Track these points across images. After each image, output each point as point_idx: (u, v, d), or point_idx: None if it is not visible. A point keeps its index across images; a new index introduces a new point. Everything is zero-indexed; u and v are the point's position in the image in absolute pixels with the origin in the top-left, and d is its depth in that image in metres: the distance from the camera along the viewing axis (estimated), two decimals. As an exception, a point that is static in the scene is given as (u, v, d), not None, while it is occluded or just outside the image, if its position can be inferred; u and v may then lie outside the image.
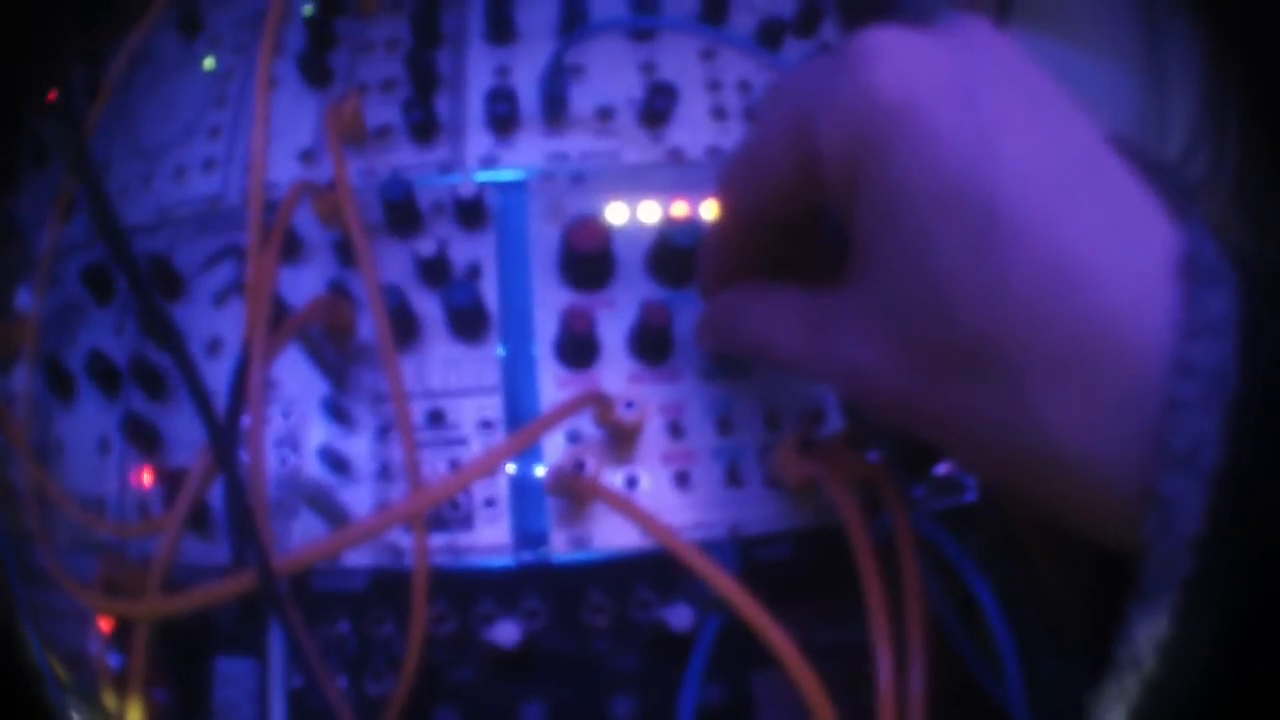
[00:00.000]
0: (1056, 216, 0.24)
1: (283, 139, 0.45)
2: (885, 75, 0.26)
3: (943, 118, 0.25)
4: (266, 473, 0.37)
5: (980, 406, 0.26)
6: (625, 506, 0.34)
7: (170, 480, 0.41)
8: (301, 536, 0.38)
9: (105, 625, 0.40)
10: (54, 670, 0.43)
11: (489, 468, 0.32)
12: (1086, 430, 0.24)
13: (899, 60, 0.26)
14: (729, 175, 0.33)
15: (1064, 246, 0.24)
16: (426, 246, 0.39)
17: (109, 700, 0.39)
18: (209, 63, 0.49)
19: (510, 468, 0.38)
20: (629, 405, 0.35)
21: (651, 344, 0.38)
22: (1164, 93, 0.63)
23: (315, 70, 0.46)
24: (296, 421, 0.39)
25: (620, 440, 0.37)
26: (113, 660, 0.40)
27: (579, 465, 0.34)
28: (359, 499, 0.38)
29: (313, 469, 0.39)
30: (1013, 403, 0.25)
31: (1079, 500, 0.25)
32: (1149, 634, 0.22)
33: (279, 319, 0.38)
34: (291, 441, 0.39)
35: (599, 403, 0.34)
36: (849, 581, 0.34)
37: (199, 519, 0.39)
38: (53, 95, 0.56)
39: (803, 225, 0.34)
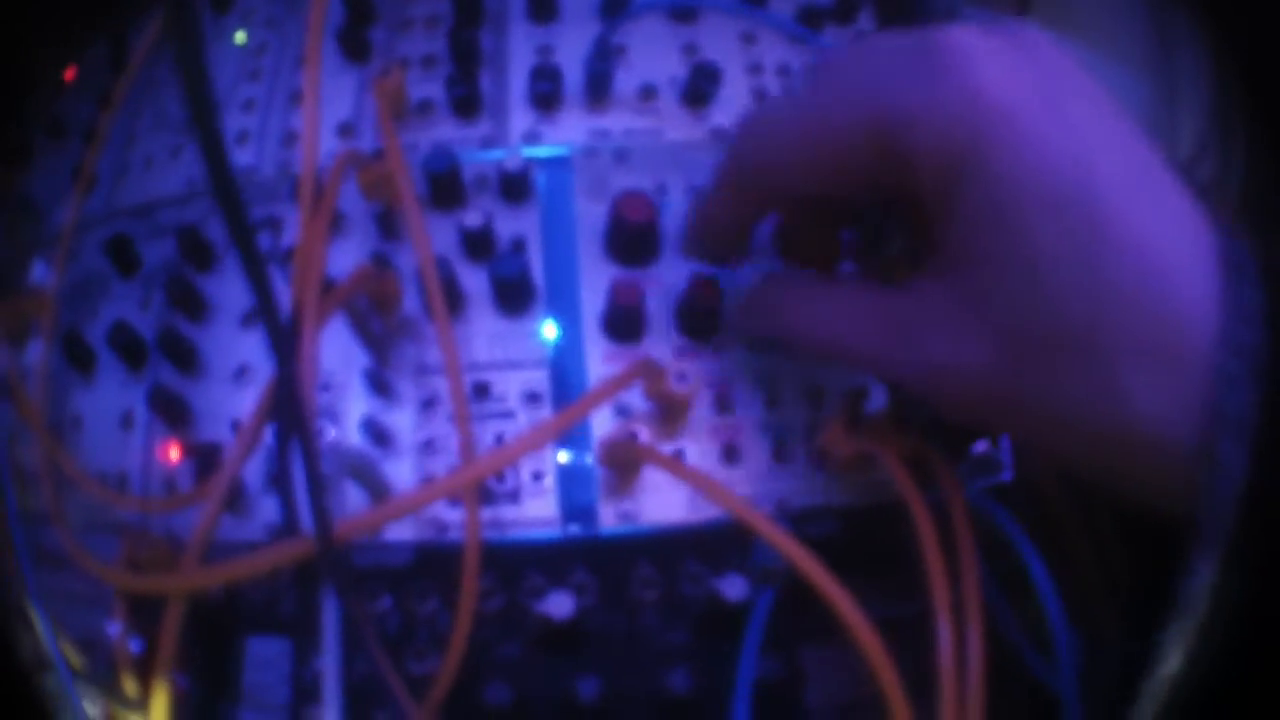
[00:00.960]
0: (1142, 215, 0.27)
1: (321, 113, 0.44)
2: (988, 78, 0.27)
3: (1042, 122, 0.27)
4: (314, 441, 0.36)
5: (1071, 389, 0.28)
6: (680, 469, 0.34)
7: (201, 454, 0.40)
8: (342, 511, 0.37)
9: (124, 609, 0.39)
10: (64, 656, 0.42)
11: (545, 440, 0.32)
12: (1163, 406, 0.27)
13: (996, 64, 0.28)
14: (754, 140, 0.33)
15: (1149, 242, 0.27)
16: (472, 218, 0.39)
17: (129, 686, 0.38)
18: (240, 37, 0.48)
19: (562, 456, 0.37)
20: (681, 377, 0.34)
21: (700, 319, 0.38)
22: (1174, 97, 0.64)
23: (354, 44, 0.45)
24: (336, 395, 0.39)
25: (669, 414, 0.36)
26: (133, 645, 0.39)
27: (632, 435, 0.34)
28: (401, 472, 0.37)
29: (354, 442, 0.38)
30: (1103, 383, 0.27)
31: (1146, 470, 0.28)
32: (1204, 580, 0.26)
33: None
34: (331, 414, 0.38)
35: (652, 374, 0.34)
36: (896, 558, 0.34)
37: (230, 492, 0.38)
38: (70, 73, 0.55)
39: (818, 208, 0.34)
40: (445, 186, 0.40)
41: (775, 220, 0.39)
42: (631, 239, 0.39)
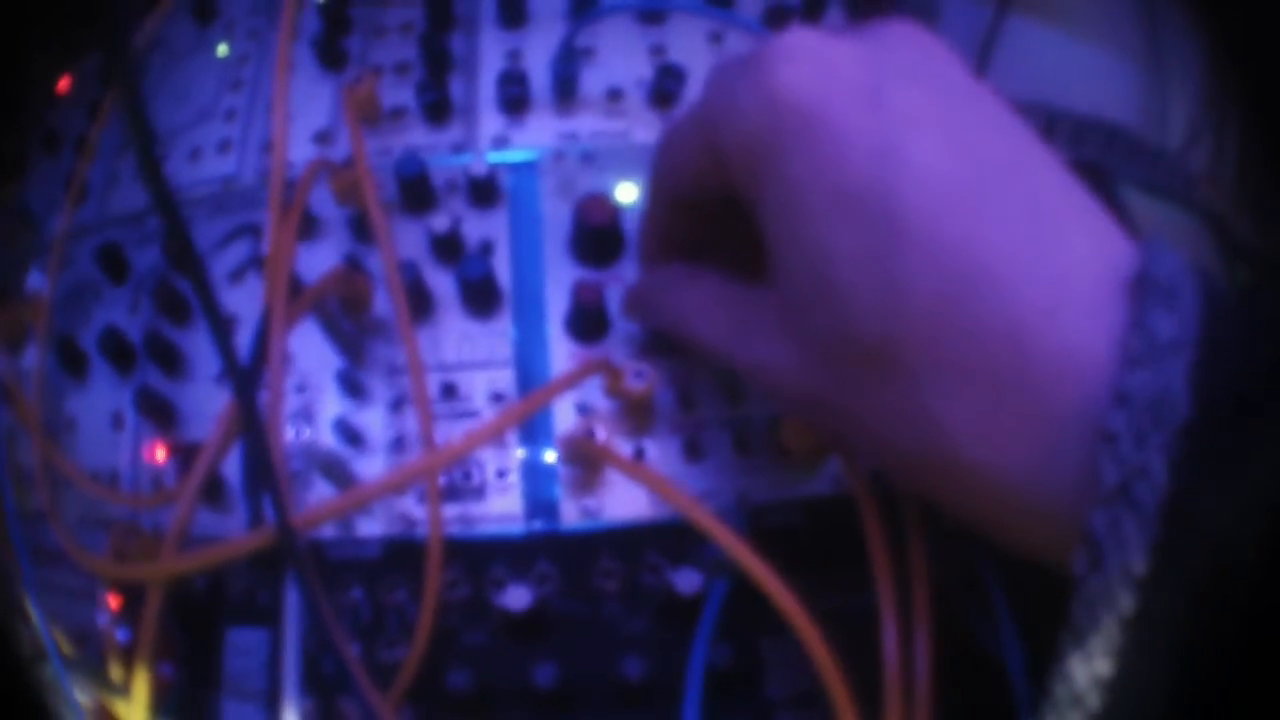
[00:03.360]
0: (962, 221, 0.24)
1: (298, 121, 0.46)
2: (788, 78, 0.26)
3: (847, 121, 0.25)
4: (283, 441, 0.37)
5: (885, 407, 0.26)
6: (634, 469, 0.35)
7: (185, 454, 0.41)
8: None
9: (114, 601, 0.41)
10: (58, 646, 0.44)
11: (501, 429, 0.33)
12: (991, 441, 0.24)
13: (806, 64, 0.26)
14: (656, 153, 0.34)
15: (968, 251, 0.24)
16: (440, 223, 0.40)
17: (115, 673, 0.39)
18: (223, 49, 0.49)
19: (519, 452, 0.38)
20: (638, 375, 0.35)
21: (587, 322, 0.39)
22: (1165, 83, 0.63)
23: (329, 53, 0.46)
24: (311, 396, 0.40)
25: (631, 412, 0.37)
26: (120, 635, 0.40)
27: (590, 432, 0.35)
28: (373, 469, 0.38)
29: (327, 441, 0.39)
30: (912, 405, 0.25)
31: (997, 517, 0.26)
32: (1089, 672, 0.22)
33: (296, 293, 0.39)
34: (306, 414, 0.40)
35: (608, 371, 0.35)
36: (857, 549, 0.34)
37: (213, 489, 0.39)
38: (63, 84, 0.57)
39: (726, 213, 0.34)
40: (415, 191, 0.42)
41: None
42: (595, 240, 0.40)
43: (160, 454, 0.42)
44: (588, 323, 0.39)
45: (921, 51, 0.28)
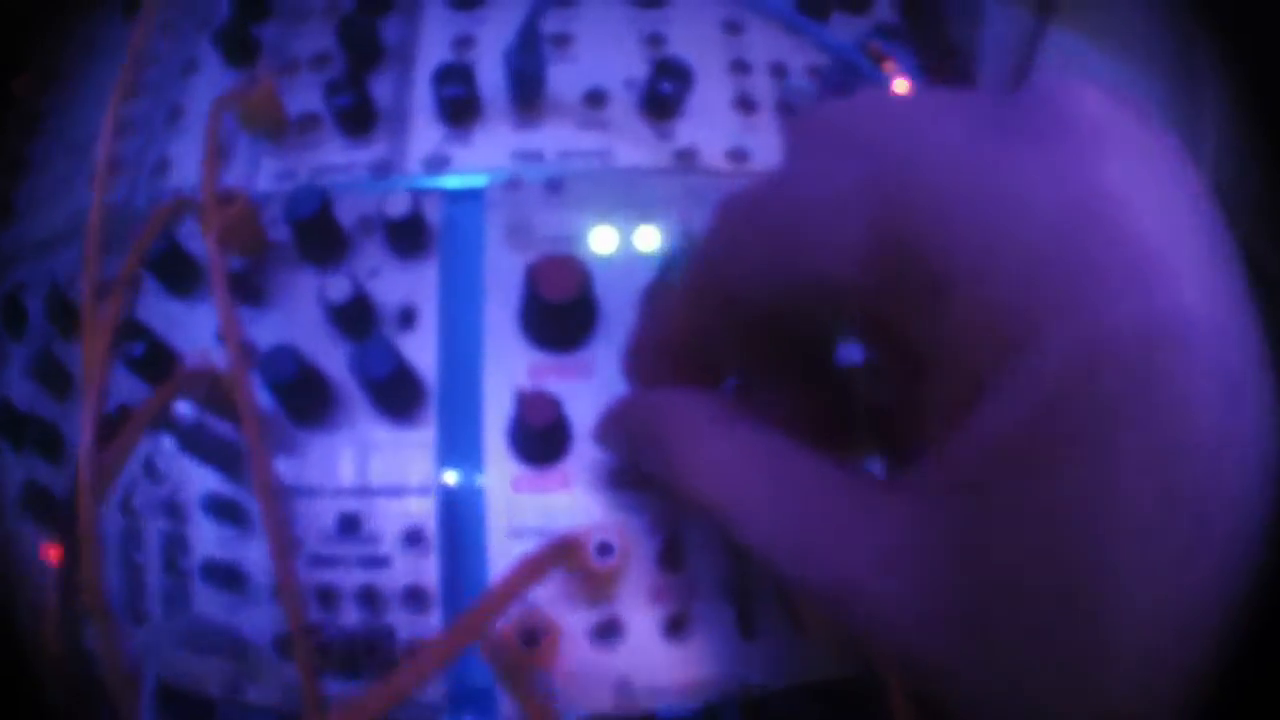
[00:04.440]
0: None
1: (192, 134, 0.34)
2: (1136, 212, 0.15)
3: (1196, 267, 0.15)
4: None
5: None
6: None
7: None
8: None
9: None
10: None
11: (426, 671, 0.22)
12: None
13: (1155, 191, 0.16)
14: (722, 215, 0.22)
15: None
16: (338, 288, 0.28)
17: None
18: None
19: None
20: (604, 550, 0.24)
21: (536, 441, 0.28)
22: (1196, 100, 0.58)
23: (236, 45, 0.35)
24: (179, 521, 0.29)
25: (593, 585, 0.26)
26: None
27: (530, 635, 0.24)
28: (256, 623, 0.28)
29: (196, 586, 0.29)
30: None
31: None
32: None
33: (162, 375, 0.28)
34: (182, 545, 0.29)
35: (567, 554, 0.24)
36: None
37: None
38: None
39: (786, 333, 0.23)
40: (316, 235, 0.30)
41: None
42: (553, 319, 0.29)
43: (53, 556, 0.32)
44: (538, 445, 0.28)
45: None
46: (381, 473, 0.29)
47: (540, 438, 0.27)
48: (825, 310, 0.20)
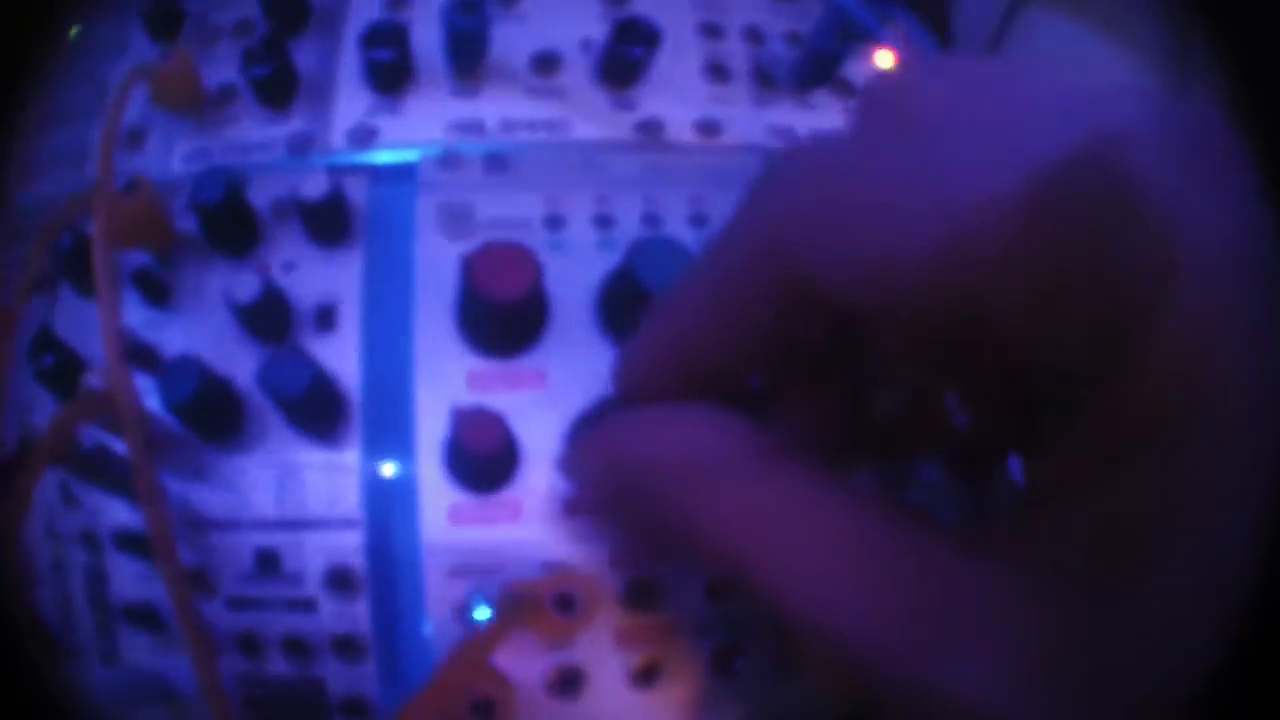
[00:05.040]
0: None
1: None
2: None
3: None
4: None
5: None
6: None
7: None
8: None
9: None
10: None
11: None
12: None
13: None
14: (810, 197, 0.17)
15: None
16: (245, 286, 0.24)
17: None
18: (74, 30, 0.33)
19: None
20: (565, 604, 0.21)
21: (476, 467, 0.24)
22: (1186, 88, 0.58)
23: (160, 18, 0.30)
24: (106, 551, 0.25)
25: (552, 632, 0.23)
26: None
27: (483, 707, 0.20)
28: (181, 666, 0.24)
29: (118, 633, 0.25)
30: None
31: None
32: None
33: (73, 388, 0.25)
34: (102, 579, 0.26)
35: (523, 615, 0.20)
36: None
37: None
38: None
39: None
40: (226, 223, 0.26)
41: None
42: (498, 317, 0.25)
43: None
44: (480, 472, 0.24)
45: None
46: (301, 502, 0.24)
47: (481, 464, 0.23)
48: (930, 315, 0.16)
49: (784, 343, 0.19)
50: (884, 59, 0.30)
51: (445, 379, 0.25)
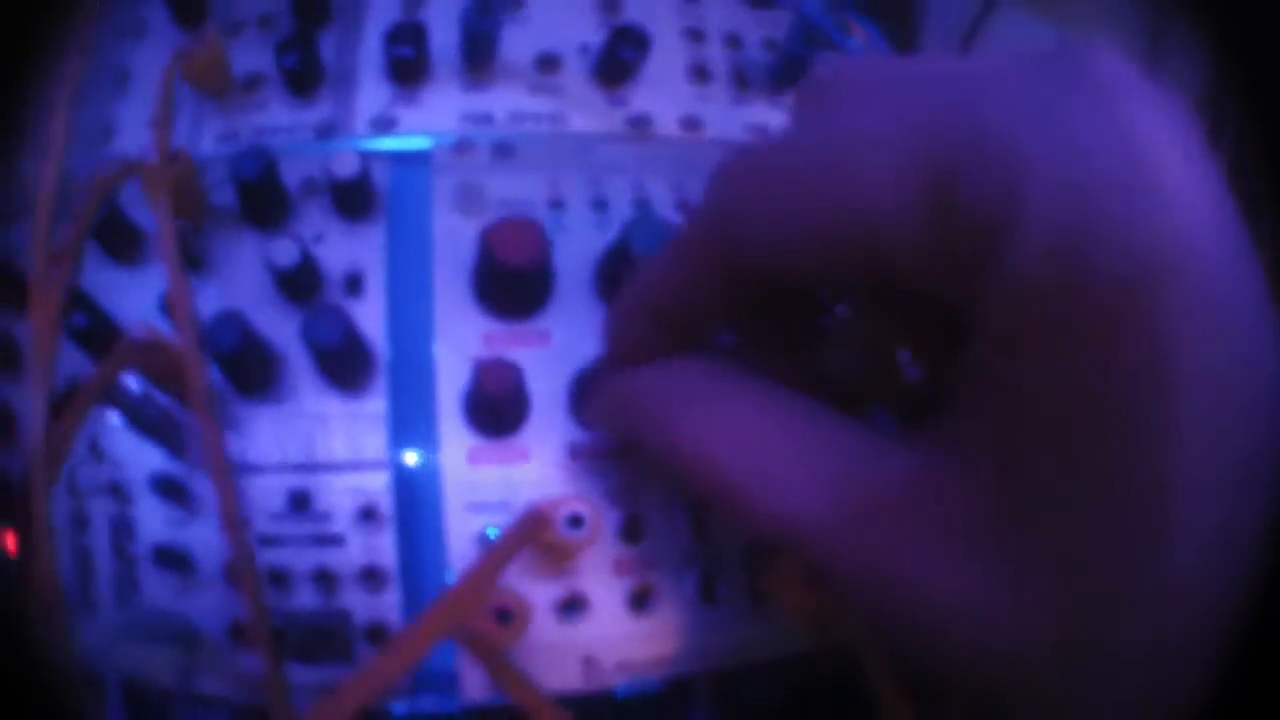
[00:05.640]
0: None
1: (139, 100, 0.32)
2: (1165, 157, 0.16)
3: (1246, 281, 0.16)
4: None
5: None
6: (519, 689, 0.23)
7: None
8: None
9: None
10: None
11: (392, 676, 0.21)
12: None
13: (1184, 149, 0.16)
14: (730, 170, 0.21)
15: None
16: (284, 252, 0.27)
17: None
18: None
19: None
20: (575, 522, 0.24)
21: (490, 410, 0.27)
22: (1161, 73, 0.60)
23: (185, 5, 0.33)
24: (127, 504, 0.28)
25: (556, 555, 0.26)
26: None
27: (504, 613, 0.23)
28: (205, 608, 0.27)
29: (145, 572, 0.28)
30: None
31: None
32: None
33: (104, 347, 0.27)
34: (128, 529, 0.28)
35: (537, 529, 0.23)
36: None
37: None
38: None
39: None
40: (261, 198, 0.29)
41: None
42: (510, 283, 0.28)
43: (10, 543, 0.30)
44: (496, 414, 0.27)
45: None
46: (332, 447, 0.27)
47: (498, 407, 0.27)
48: (846, 268, 0.19)
49: (743, 304, 0.23)
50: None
51: (462, 338, 0.28)
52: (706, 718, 0.28)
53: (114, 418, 0.27)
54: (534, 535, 0.23)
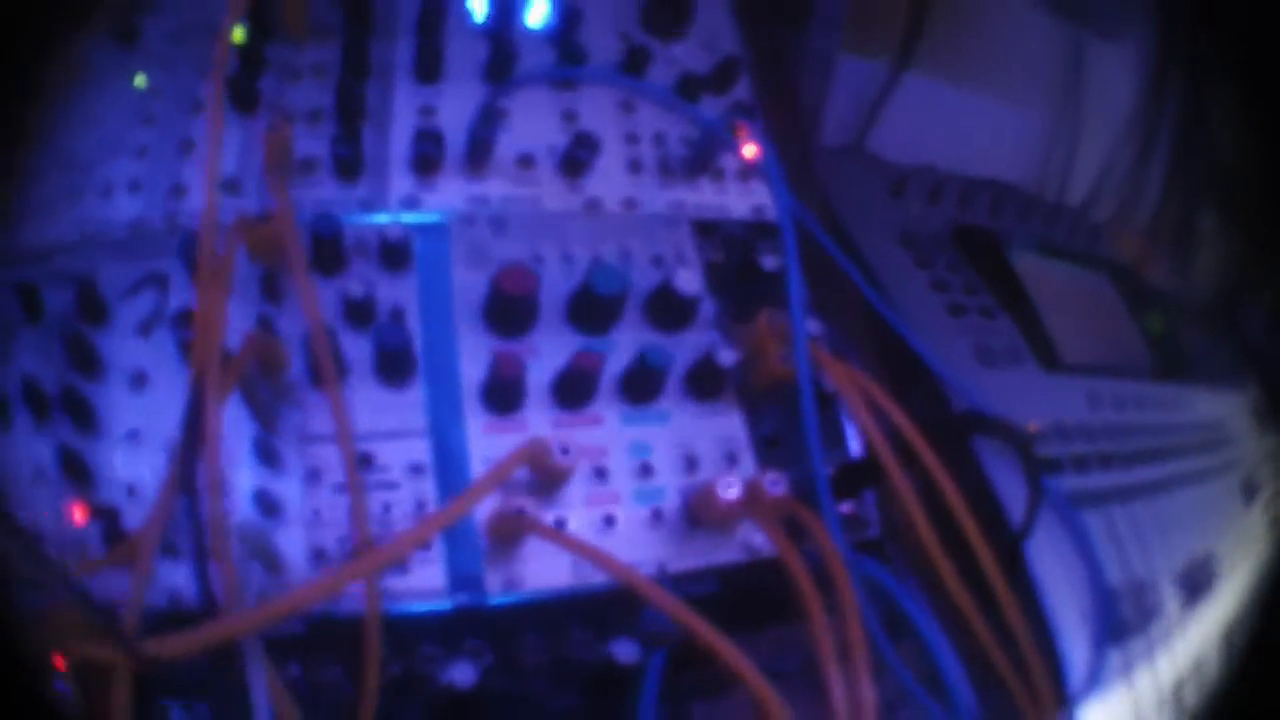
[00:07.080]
0: None
1: (203, 163, 0.43)
2: None
3: None
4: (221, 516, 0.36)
5: None
6: (568, 541, 0.36)
7: (105, 518, 0.39)
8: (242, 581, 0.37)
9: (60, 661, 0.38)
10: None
11: (436, 528, 0.33)
12: None
13: None
14: None
15: None
16: (355, 288, 0.39)
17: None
18: (140, 80, 0.47)
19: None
20: (564, 452, 0.36)
21: (579, 390, 0.40)
22: (1076, 132, 0.65)
23: (243, 95, 0.45)
24: (227, 462, 0.38)
25: (548, 484, 0.38)
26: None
27: (519, 510, 0.35)
28: (291, 543, 0.38)
29: (246, 513, 0.38)
30: None
31: None
32: None
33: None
34: (223, 484, 0.39)
35: (536, 453, 0.36)
36: (776, 613, 0.37)
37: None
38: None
39: None
40: (328, 251, 0.41)
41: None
42: (511, 310, 0.40)
43: (78, 515, 0.40)
44: (507, 395, 0.39)
45: None
46: (387, 423, 0.39)
47: (506, 391, 0.39)
48: None
49: None
50: (749, 151, 0.47)
51: (476, 349, 0.41)
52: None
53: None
54: (532, 457, 0.35)
